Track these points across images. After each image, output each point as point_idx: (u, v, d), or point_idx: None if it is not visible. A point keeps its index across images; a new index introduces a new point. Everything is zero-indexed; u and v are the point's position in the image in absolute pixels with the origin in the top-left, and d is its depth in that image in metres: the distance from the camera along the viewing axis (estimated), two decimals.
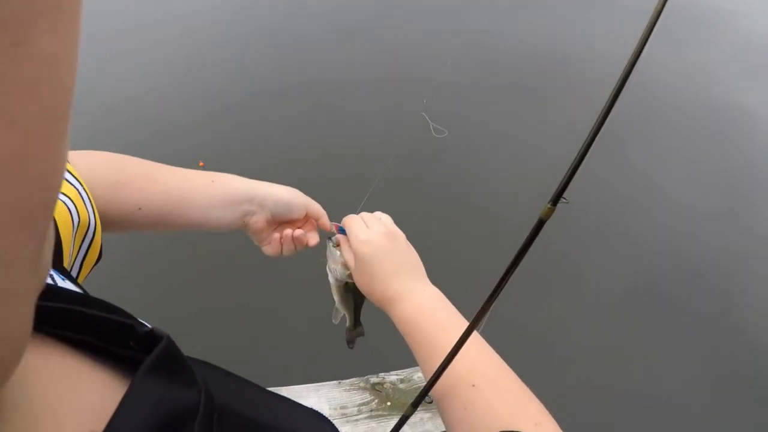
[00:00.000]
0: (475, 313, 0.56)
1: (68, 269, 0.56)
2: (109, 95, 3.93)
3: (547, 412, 0.57)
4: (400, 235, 0.78)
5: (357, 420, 1.53)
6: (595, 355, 2.57)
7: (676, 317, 2.78)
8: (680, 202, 3.44)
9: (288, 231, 0.82)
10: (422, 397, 0.63)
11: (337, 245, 0.81)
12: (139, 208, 0.69)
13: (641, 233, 3.19)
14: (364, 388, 1.58)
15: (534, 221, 0.49)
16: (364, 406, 1.57)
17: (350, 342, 0.93)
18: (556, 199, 0.48)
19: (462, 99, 3.78)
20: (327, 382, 1.59)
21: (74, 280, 0.42)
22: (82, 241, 0.59)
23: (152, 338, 0.30)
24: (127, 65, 4.38)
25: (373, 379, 1.61)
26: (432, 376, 0.60)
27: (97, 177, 0.65)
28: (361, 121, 3.78)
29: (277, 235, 0.82)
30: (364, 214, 0.80)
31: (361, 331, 0.93)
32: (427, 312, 0.69)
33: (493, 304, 0.56)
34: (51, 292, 0.30)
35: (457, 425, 0.59)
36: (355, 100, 3.99)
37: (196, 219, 0.75)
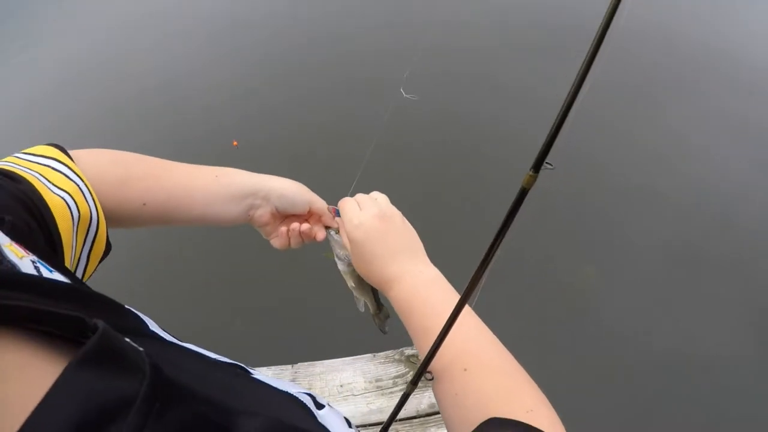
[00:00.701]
0: (465, 288, 0.54)
1: (72, 263, 0.58)
2: (141, 81, 4.11)
3: (542, 397, 0.53)
4: (396, 214, 0.75)
5: (392, 392, 1.55)
6: (635, 316, 2.50)
7: (714, 274, 2.67)
8: (715, 159, 3.27)
9: (295, 225, 0.81)
10: (420, 375, 0.62)
11: (338, 231, 0.80)
12: (145, 204, 0.70)
13: (676, 192, 3.06)
14: (399, 360, 1.59)
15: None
16: (399, 378, 1.58)
17: (381, 328, 0.91)
18: (537, 166, 0.44)
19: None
20: (362, 356, 1.61)
21: (67, 272, 0.43)
22: (86, 234, 0.61)
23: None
24: (159, 52, 4.54)
25: (408, 351, 1.62)
26: (427, 354, 0.58)
27: (104, 175, 0.66)
28: (346, 97, 3.78)
29: (284, 228, 0.82)
30: (359, 196, 0.78)
31: (386, 312, 0.92)
32: (423, 294, 0.66)
33: (485, 278, 0.54)
34: (17, 282, 0.31)
35: (450, 411, 0.58)
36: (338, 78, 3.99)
37: (201, 213, 0.75)
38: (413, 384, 0.66)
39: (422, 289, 0.67)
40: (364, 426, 1.47)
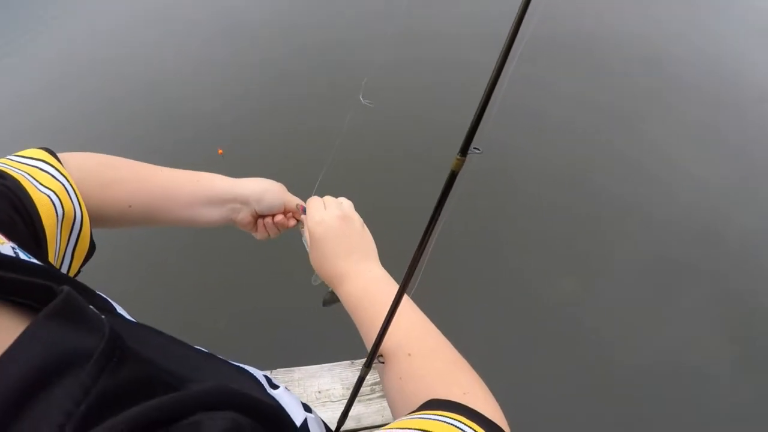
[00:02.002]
0: (404, 275, 0.57)
1: (56, 260, 0.61)
2: (134, 82, 4.19)
3: (479, 381, 0.57)
4: (357, 219, 0.80)
5: (370, 399, 1.56)
6: (616, 327, 2.53)
7: (693, 287, 2.71)
8: (697, 174, 3.35)
9: (268, 220, 0.88)
10: (372, 357, 0.64)
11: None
12: (130, 206, 0.74)
13: (658, 206, 3.13)
14: (377, 368, 1.60)
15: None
16: (376, 386, 1.60)
17: (326, 303, 0.95)
18: (464, 149, 0.48)
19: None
20: (340, 362, 1.63)
21: (47, 264, 0.45)
22: (70, 232, 0.63)
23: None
24: (153, 54, 4.65)
25: None
26: (376, 338, 0.61)
27: (90, 177, 0.70)
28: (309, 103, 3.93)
29: (260, 221, 0.88)
30: (327, 197, 0.83)
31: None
32: (372, 291, 0.70)
33: (424, 266, 0.57)
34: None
35: (394, 395, 0.60)
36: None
37: (182, 215, 0.80)
38: (366, 367, 0.68)
39: (371, 285, 0.71)
40: None
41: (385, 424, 1.46)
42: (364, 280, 0.72)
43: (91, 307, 0.34)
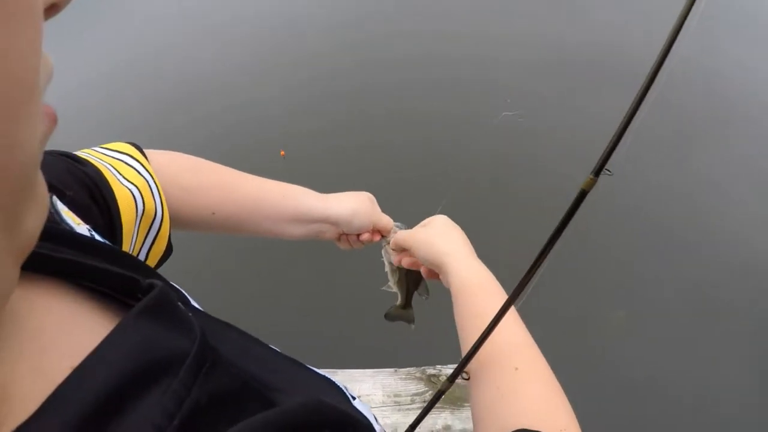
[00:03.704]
0: (515, 286, 0.55)
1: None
2: (195, 83, 4.25)
3: (574, 419, 0.53)
4: (459, 228, 0.81)
5: (409, 409, 1.54)
6: (659, 358, 2.47)
7: (738, 325, 2.62)
8: (744, 208, 3.22)
9: (353, 237, 0.87)
10: (460, 370, 0.63)
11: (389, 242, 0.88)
12: (213, 213, 0.73)
13: (702, 237, 3.03)
14: (420, 378, 1.59)
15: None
16: (417, 396, 1.58)
17: (391, 318, 0.95)
18: (598, 170, 0.47)
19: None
20: (384, 369, 1.61)
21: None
22: (148, 230, 0.63)
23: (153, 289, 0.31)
24: (220, 55, 4.68)
25: (430, 370, 1.61)
26: (469, 351, 0.59)
27: (176, 179, 0.69)
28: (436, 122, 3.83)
29: (345, 236, 0.87)
30: None
31: (410, 315, 0.95)
32: (478, 280, 0.70)
33: (536, 281, 0.55)
34: (72, 240, 0.33)
35: (489, 406, 0.57)
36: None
37: (266, 229, 0.79)
38: (450, 381, 0.67)
39: (483, 278, 0.70)
40: None
41: None
42: (477, 269, 0.72)
43: (179, 304, 0.32)
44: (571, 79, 4.19)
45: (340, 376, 1.60)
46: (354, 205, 0.82)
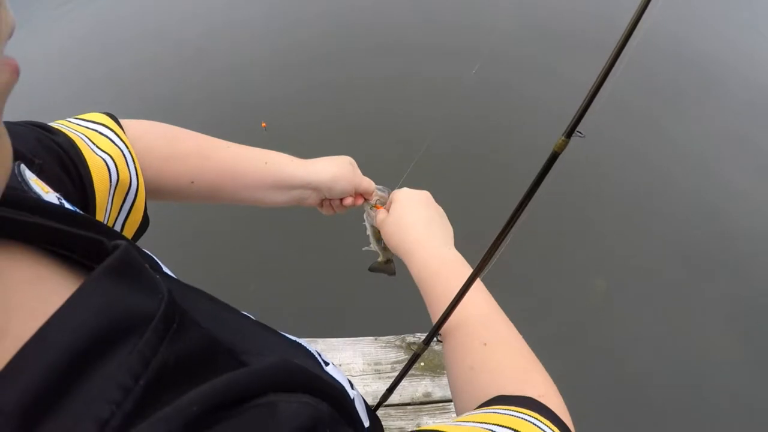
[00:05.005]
0: (482, 256, 0.56)
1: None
2: (177, 50, 4.17)
3: (552, 383, 0.54)
4: (440, 209, 0.81)
5: (389, 377, 1.57)
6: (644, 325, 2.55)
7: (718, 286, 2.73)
8: (723, 178, 3.31)
9: (336, 201, 0.86)
10: (433, 335, 0.64)
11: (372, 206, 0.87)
12: (192, 182, 0.71)
13: (679, 209, 3.11)
14: (399, 347, 1.61)
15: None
16: (397, 364, 1.60)
17: (374, 269, 0.97)
18: (570, 132, 0.47)
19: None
20: (363, 338, 1.63)
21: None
22: (123, 201, 0.61)
23: None
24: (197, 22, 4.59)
25: (410, 338, 1.63)
26: (441, 315, 0.60)
27: (153, 148, 0.67)
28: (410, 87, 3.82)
29: (327, 201, 0.86)
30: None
31: (392, 268, 0.96)
32: (450, 268, 0.69)
33: (508, 244, 0.56)
34: (40, 207, 0.31)
35: (462, 385, 0.58)
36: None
37: (247, 196, 0.77)
38: (425, 344, 0.68)
39: (450, 264, 0.70)
40: None
41: (407, 404, 1.47)
42: (441, 256, 0.71)
43: (146, 265, 0.31)
44: (545, 45, 4.22)
45: (320, 345, 1.61)
46: (335, 170, 0.81)
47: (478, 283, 0.62)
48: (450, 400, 1.51)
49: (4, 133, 0.22)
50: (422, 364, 1.58)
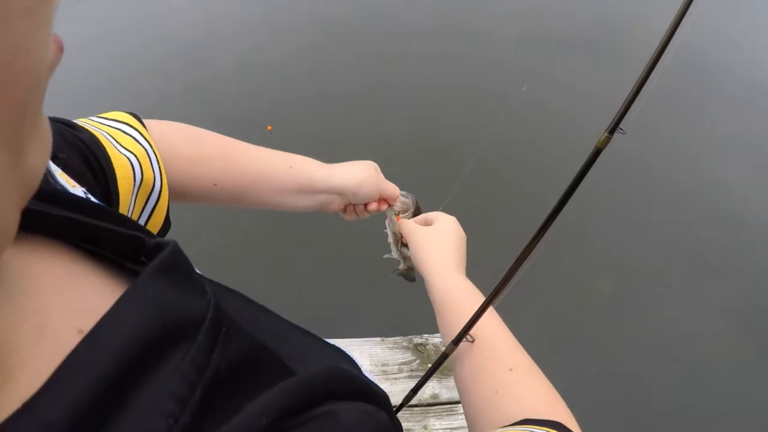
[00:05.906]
0: (524, 247, 0.55)
1: None
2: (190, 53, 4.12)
3: (571, 414, 0.54)
4: (465, 237, 0.81)
5: (396, 378, 1.56)
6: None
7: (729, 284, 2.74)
8: (727, 183, 3.33)
9: (360, 206, 0.85)
10: (462, 336, 0.63)
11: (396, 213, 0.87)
12: (215, 185, 0.70)
13: (682, 210, 3.12)
14: (407, 348, 1.60)
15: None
16: (404, 366, 1.59)
17: (399, 273, 0.97)
18: (613, 128, 0.46)
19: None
20: (370, 338, 1.62)
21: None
22: (146, 201, 0.60)
23: (161, 249, 0.28)
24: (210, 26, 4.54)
25: (417, 339, 1.63)
26: (471, 317, 0.60)
27: (177, 149, 0.66)
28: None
29: (351, 206, 0.85)
30: None
31: (412, 275, 0.96)
32: (469, 296, 0.69)
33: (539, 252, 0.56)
34: (69, 201, 0.30)
35: (485, 408, 0.57)
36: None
37: (270, 200, 0.76)
38: (454, 344, 0.67)
39: (470, 291, 0.70)
40: None
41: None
42: (465, 282, 0.72)
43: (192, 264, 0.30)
44: (581, 54, 4.22)
45: None
46: (360, 175, 0.79)
47: (494, 315, 0.64)
48: (457, 402, 1.50)
49: (45, 119, 0.21)
50: (429, 365, 1.58)
